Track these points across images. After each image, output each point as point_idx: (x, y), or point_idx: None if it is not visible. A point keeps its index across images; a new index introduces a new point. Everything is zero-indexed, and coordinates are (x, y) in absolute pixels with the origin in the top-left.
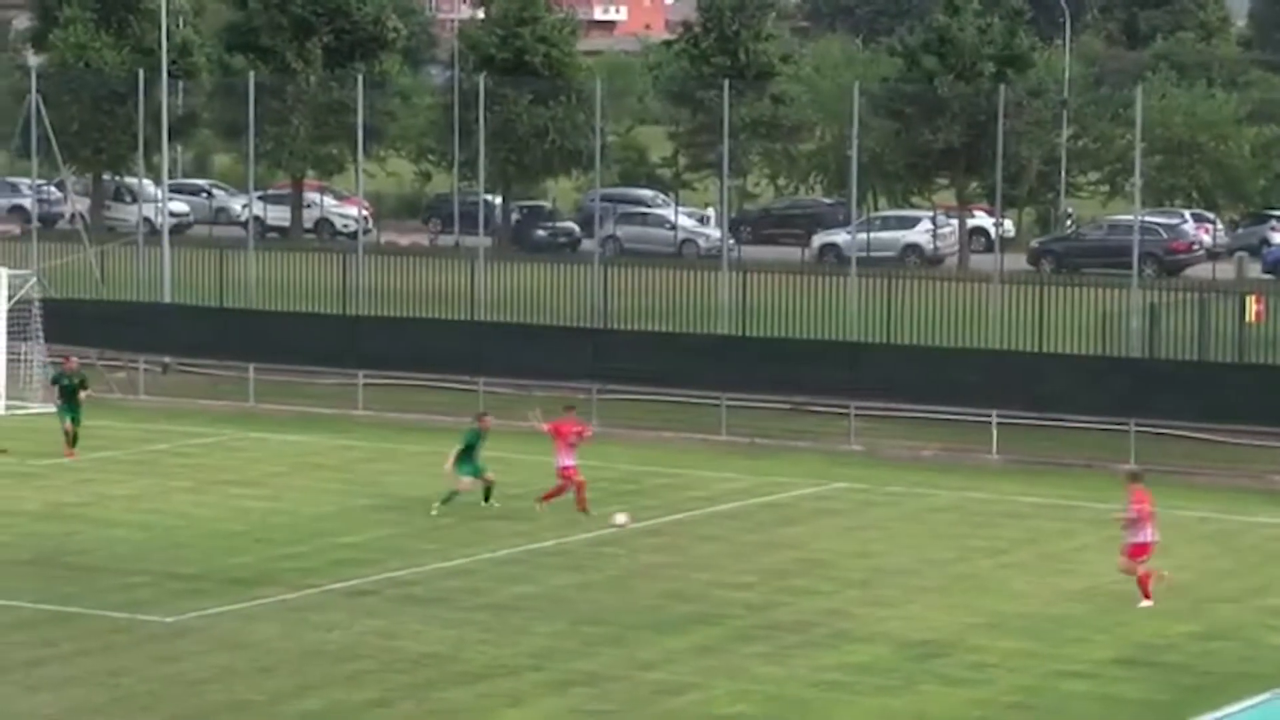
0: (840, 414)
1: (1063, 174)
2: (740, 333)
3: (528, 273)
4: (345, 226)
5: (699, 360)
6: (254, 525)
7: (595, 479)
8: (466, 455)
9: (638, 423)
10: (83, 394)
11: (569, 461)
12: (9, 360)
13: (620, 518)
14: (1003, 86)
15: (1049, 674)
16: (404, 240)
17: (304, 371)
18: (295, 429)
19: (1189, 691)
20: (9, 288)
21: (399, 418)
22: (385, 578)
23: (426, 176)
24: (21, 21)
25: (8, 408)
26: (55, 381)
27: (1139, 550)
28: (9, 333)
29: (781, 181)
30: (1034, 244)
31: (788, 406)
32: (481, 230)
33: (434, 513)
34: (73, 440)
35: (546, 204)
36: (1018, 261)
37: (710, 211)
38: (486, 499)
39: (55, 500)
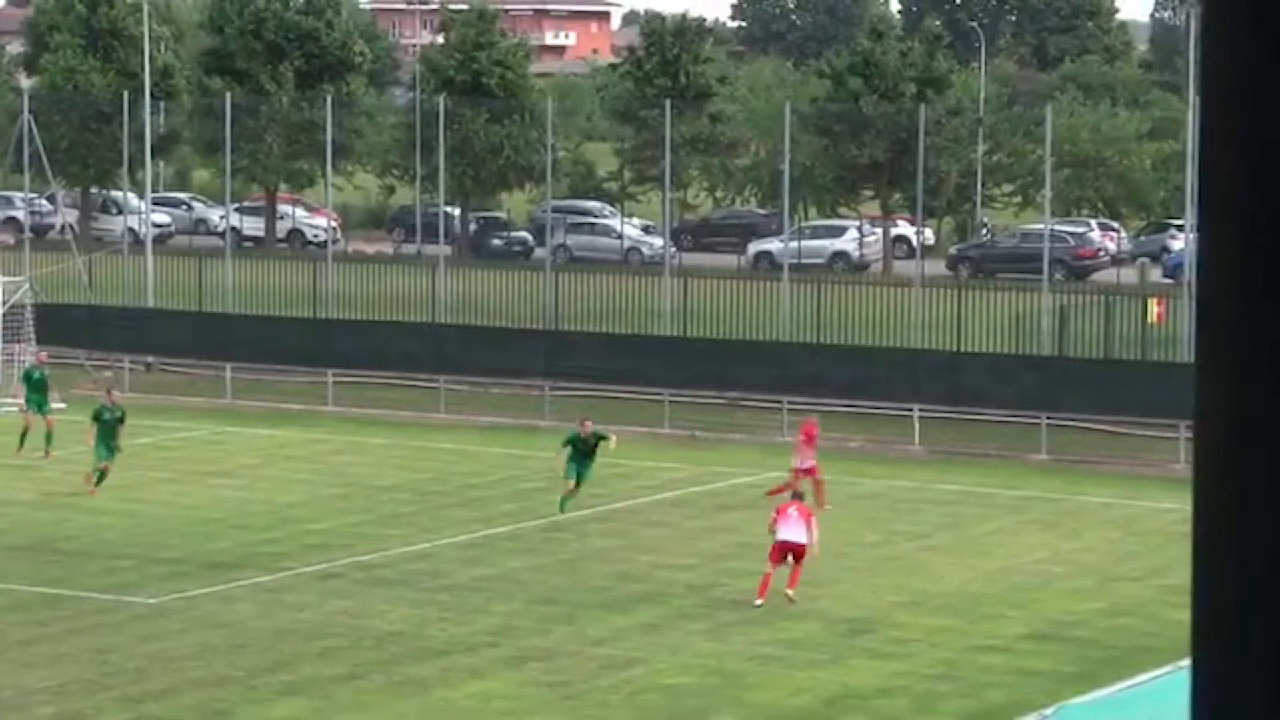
0: (774, 409)
1: (979, 186)
2: (682, 333)
3: (484, 279)
4: (315, 236)
5: (644, 359)
6: (231, 513)
7: (548, 469)
8: (573, 457)
9: (588, 417)
10: (122, 430)
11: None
12: (3, 361)
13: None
14: (923, 106)
15: (967, 648)
16: (370, 249)
17: (277, 370)
18: (269, 424)
19: (1097, 664)
20: (3, 293)
21: (365, 413)
22: (353, 561)
23: (390, 190)
24: (14, 47)
25: (2, 405)
26: (96, 418)
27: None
28: (3, 335)
29: (719, 194)
30: (952, 251)
31: (725, 402)
32: (442, 239)
33: (561, 515)
34: (100, 478)
35: (502, 215)
36: (937, 267)
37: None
38: (562, 508)
39: (47, 490)
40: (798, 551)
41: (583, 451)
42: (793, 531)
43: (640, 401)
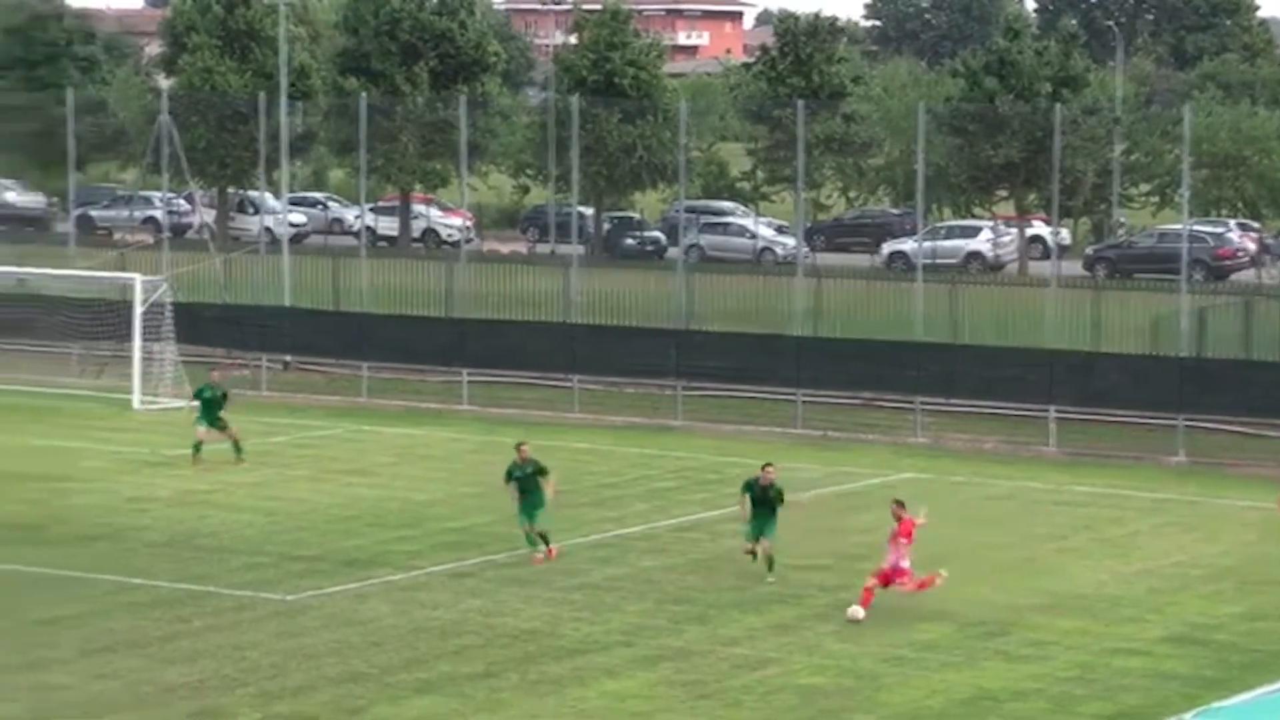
0: (906, 409)
1: (1116, 186)
2: (814, 333)
3: (617, 278)
4: (450, 236)
5: (776, 359)
6: (367, 511)
7: (681, 469)
8: (754, 511)
9: (719, 417)
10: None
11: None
12: (144, 359)
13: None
14: (1059, 105)
15: (1104, 651)
16: (504, 249)
17: (412, 370)
18: (405, 423)
19: (1237, 668)
20: (143, 292)
21: (499, 412)
22: (486, 560)
23: (524, 189)
24: (154, 48)
25: (143, 403)
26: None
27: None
28: (143, 334)
29: (852, 194)
30: (1089, 251)
31: (858, 402)
32: (575, 239)
33: (770, 581)
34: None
35: (635, 215)
36: (1074, 268)
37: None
38: (764, 563)
39: (186, 488)
40: (900, 578)
41: (761, 501)
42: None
43: (771, 401)
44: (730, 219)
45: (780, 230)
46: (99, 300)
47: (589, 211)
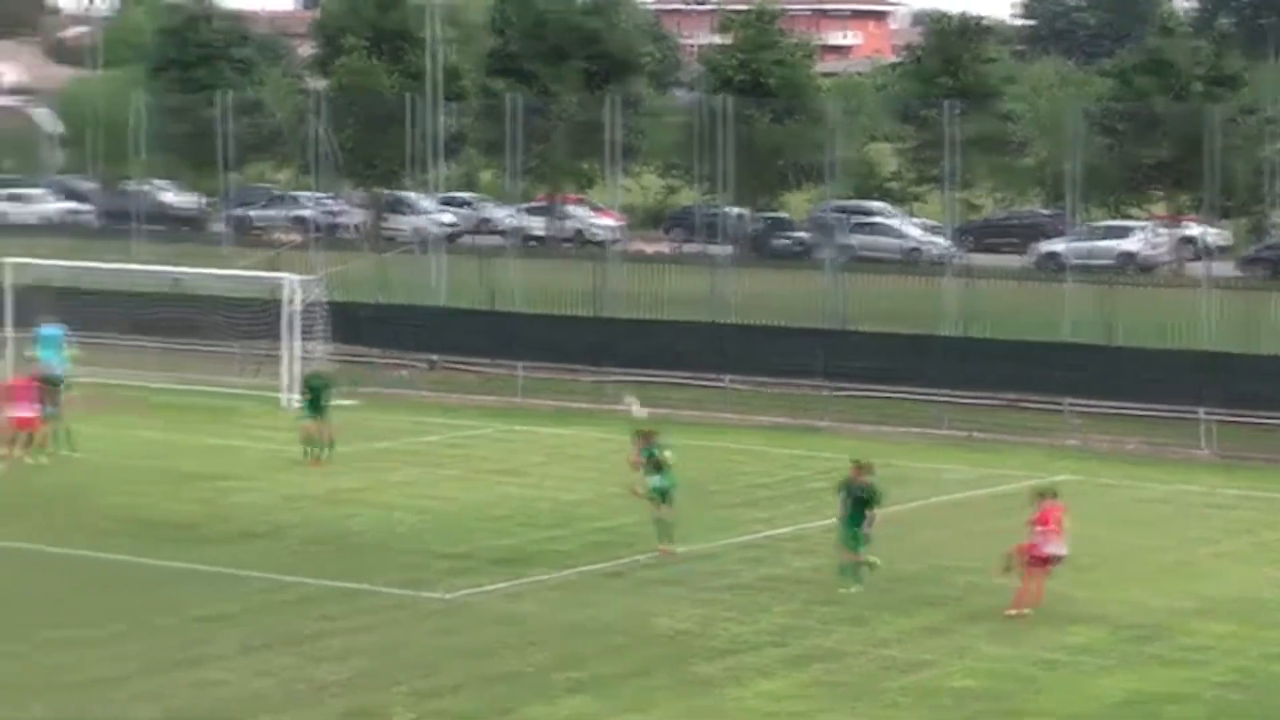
0: (1054, 410)
1: (1271, 186)
2: (964, 334)
3: (766, 278)
4: (599, 236)
5: (926, 359)
6: (517, 510)
7: (831, 469)
8: (849, 512)
9: (867, 418)
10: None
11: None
12: (298, 358)
13: (635, 408)
14: (1214, 104)
15: (1262, 656)
16: (650, 249)
17: (563, 369)
18: (555, 422)
19: None
20: (297, 291)
21: (654, 412)
22: (635, 560)
23: (673, 190)
24: (306, 50)
25: (295, 402)
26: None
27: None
28: (297, 333)
29: (1001, 194)
30: (1246, 252)
31: (1004, 403)
32: (722, 239)
33: (854, 591)
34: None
35: (784, 215)
36: (1231, 269)
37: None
38: (856, 574)
39: (338, 486)
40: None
41: (858, 499)
42: (1053, 545)
43: (920, 402)
44: (879, 219)
45: (930, 230)
46: (253, 300)
47: (737, 212)
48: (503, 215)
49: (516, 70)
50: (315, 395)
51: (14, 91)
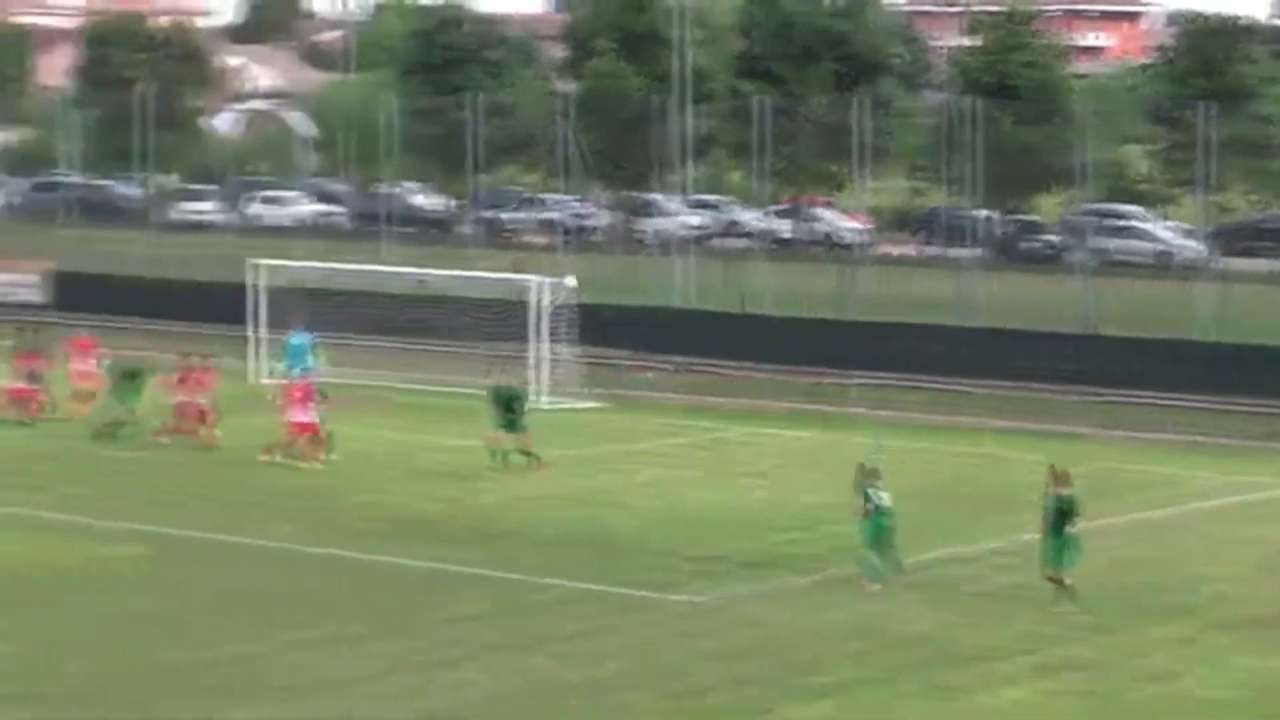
0: None
1: None
2: (1219, 339)
3: (1015, 281)
4: (846, 238)
5: (1179, 365)
6: (763, 513)
7: (1078, 475)
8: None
9: (1117, 422)
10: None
11: None
12: (544, 360)
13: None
14: None
15: None
16: (898, 251)
17: (808, 371)
18: (800, 425)
19: None
20: (548, 294)
21: (894, 415)
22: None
23: (920, 192)
24: (556, 53)
25: (551, 403)
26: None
27: None
28: (545, 335)
29: (1257, 197)
30: None
31: (1256, 409)
32: (971, 241)
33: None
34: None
35: (1035, 217)
36: None
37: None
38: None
39: (584, 487)
40: None
41: (1058, 510)
42: None
43: (1167, 408)
44: (1132, 223)
45: (1182, 234)
46: (501, 301)
47: (986, 214)
48: (750, 218)
49: (765, 72)
50: (507, 407)
51: (270, 95)
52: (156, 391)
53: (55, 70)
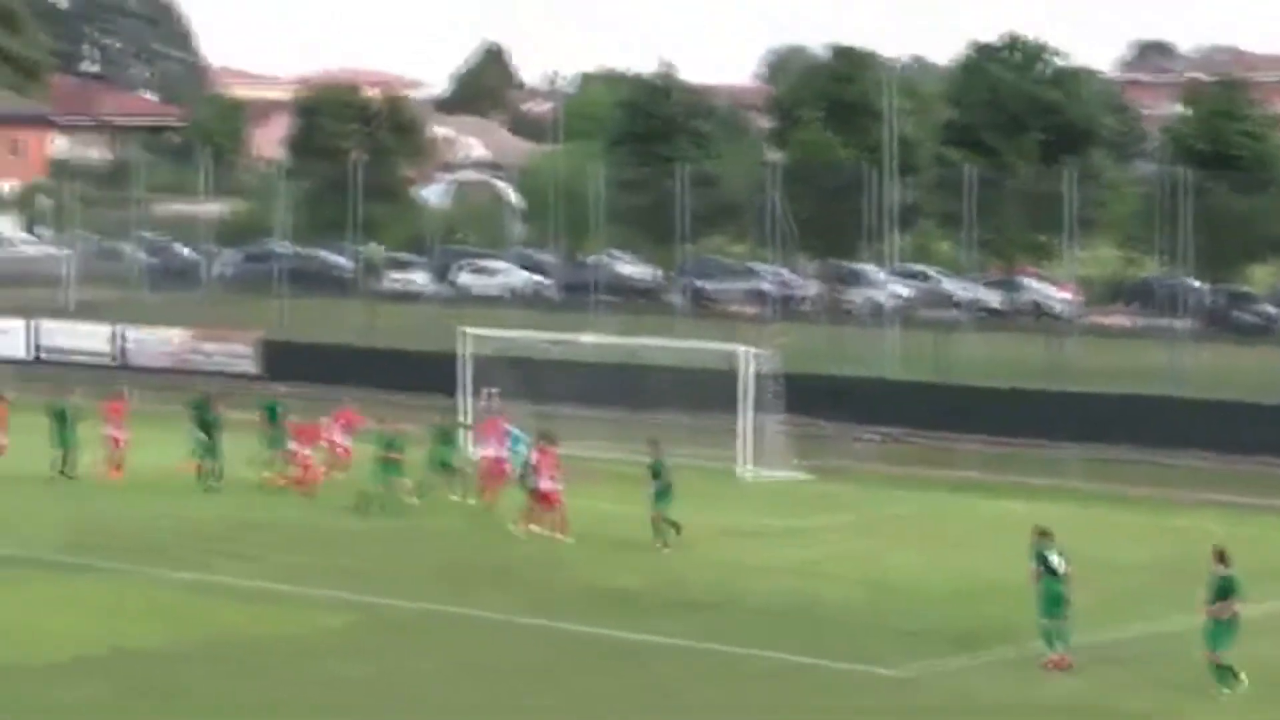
0: None
1: None
2: None
3: (1228, 353)
4: (1056, 309)
5: None
6: (973, 585)
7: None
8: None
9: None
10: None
11: None
12: (748, 430)
13: None
14: None
15: None
16: (1109, 321)
17: (1019, 443)
18: (1010, 496)
19: None
20: (750, 363)
21: (1106, 488)
22: (1094, 640)
23: (1133, 262)
24: (764, 123)
25: (749, 474)
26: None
27: None
28: (749, 404)
29: None
30: None
31: None
32: (1182, 312)
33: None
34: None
35: (1247, 288)
36: None
37: None
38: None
39: (791, 558)
40: None
41: (1218, 589)
42: None
43: None
44: None
45: None
46: (707, 371)
47: (1199, 285)
48: (957, 288)
49: (973, 141)
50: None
51: (479, 166)
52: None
53: (271, 141)
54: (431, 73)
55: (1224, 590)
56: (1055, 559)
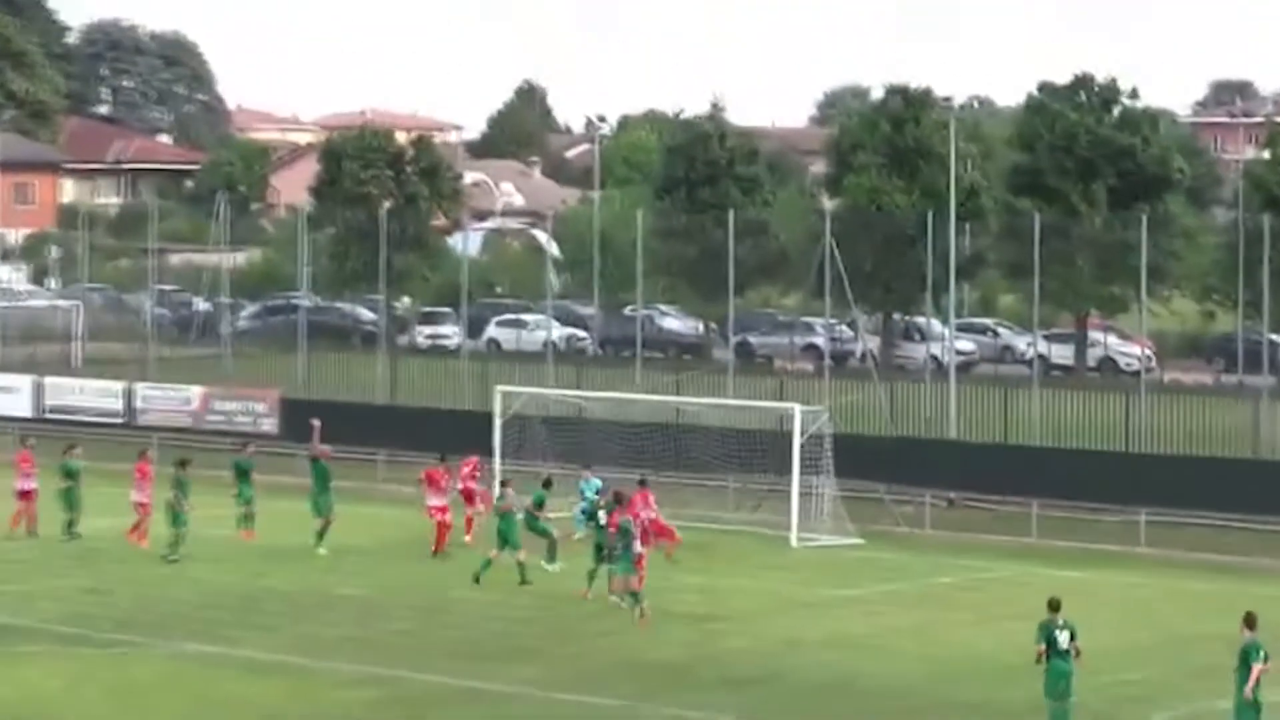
0: None
1: None
2: None
3: None
4: (1128, 365)
5: None
6: (1032, 659)
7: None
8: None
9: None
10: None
11: None
12: (801, 494)
13: None
14: None
15: None
16: (1188, 379)
17: (1087, 508)
18: (1077, 564)
19: None
20: (803, 423)
21: (1183, 555)
22: (1165, 716)
23: (1210, 316)
24: (818, 168)
25: (801, 539)
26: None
27: None
28: (802, 466)
29: None
30: None
31: None
32: (1266, 369)
33: None
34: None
35: None
36: None
37: None
38: None
39: (841, 630)
40: None
41: (1241, 658)
42: None
43: None
44: None
45: None
46: (758, 431)
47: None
48: (1023, 342)
49: (1040, 187)
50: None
51: (514, 214)
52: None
53: (294, 187)
54: (466, 115)
55: (1244, 658)
56: (1061, 636)
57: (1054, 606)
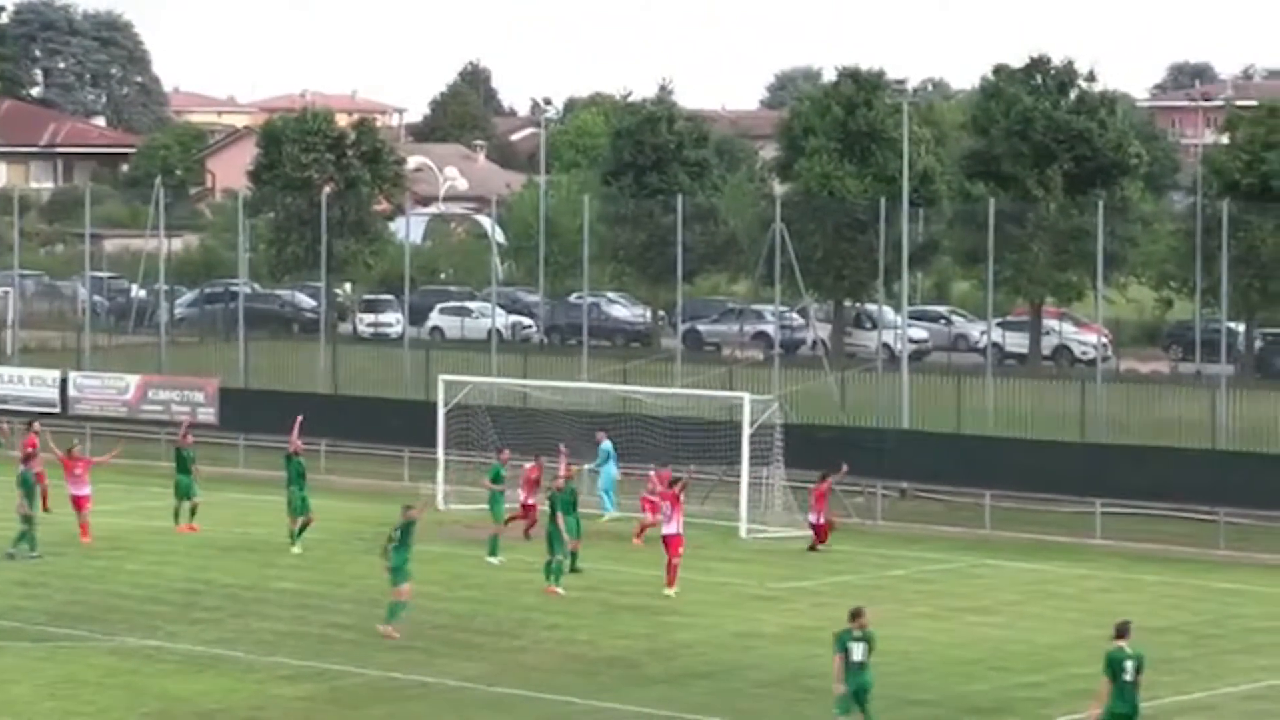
0: None
1: None
2: None
3: (1271, 401)
4: (1084, 353)
5: None
6: (989, 653)
7: None
8: None
9: None
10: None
11: None
12: (750, 484)
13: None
14: None
15: None
16: (1144, 368)
17: (1041, 499)
18: (1032, 557)
19: None
20: (751, 412)
21: (1137, 547)
22: None
23: (1167, 303)
24: (768, 152)
25: (749, 531)
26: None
27: None
28: (751, 456)
29: None
30: None
31: None
32: (1224, 358)
33: None
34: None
35: None
36: None
37: None
38: None
39: (793, 623)
40: None
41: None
42: None
43: None
44: None
45: None
46: (704, 420)
47: (1239, 328)
48: (977, 330)
49: (995, 172)
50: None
51: (457, 198)
52: None
53: (232, 171)
54: (408, 98)
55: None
56: (857, 648)
57: (855, 615)
